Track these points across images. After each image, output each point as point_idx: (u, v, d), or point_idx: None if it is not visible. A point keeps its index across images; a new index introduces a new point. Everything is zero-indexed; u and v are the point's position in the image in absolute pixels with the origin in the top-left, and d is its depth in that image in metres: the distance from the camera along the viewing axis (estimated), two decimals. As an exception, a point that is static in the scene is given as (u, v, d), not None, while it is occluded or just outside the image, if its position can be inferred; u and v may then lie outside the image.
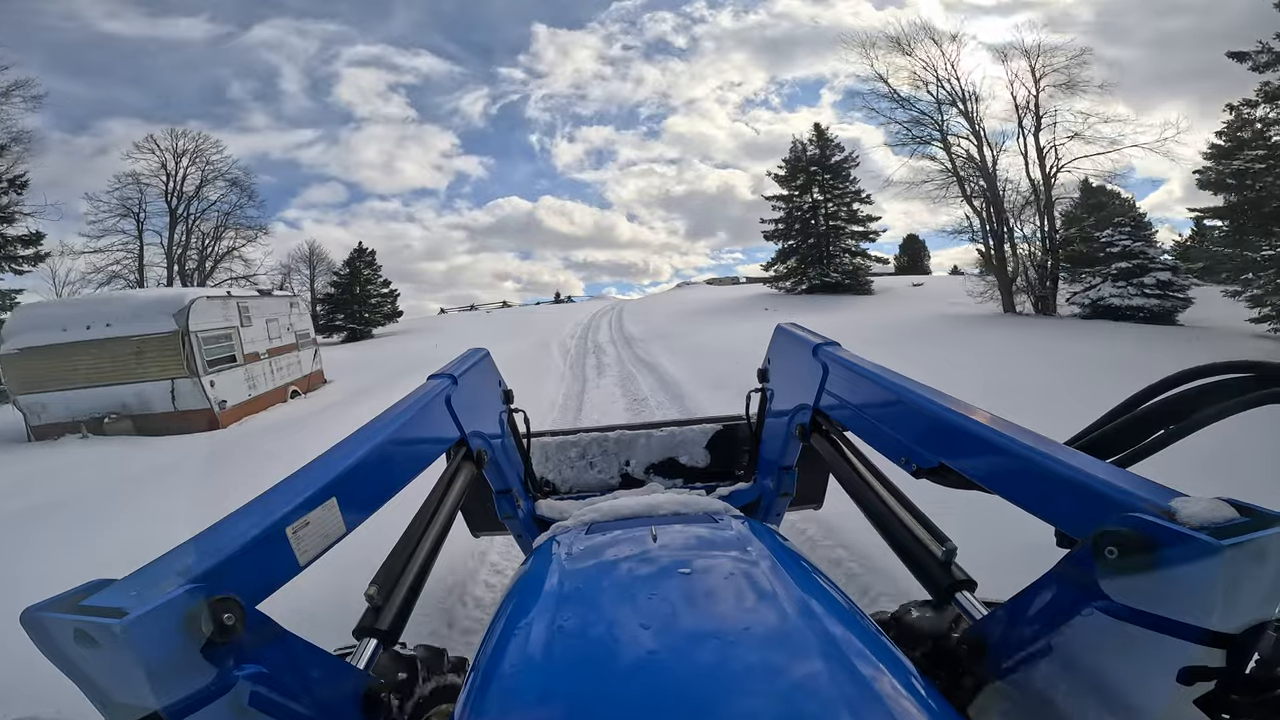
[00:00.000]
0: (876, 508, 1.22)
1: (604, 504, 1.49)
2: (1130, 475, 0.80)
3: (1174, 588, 0.62)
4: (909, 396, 1.16)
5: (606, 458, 2.48)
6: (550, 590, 0.93)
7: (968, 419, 1.02)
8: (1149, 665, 0.64)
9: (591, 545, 1.10)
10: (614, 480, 2.44)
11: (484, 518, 2.35)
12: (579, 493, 2.39)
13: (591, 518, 1.38)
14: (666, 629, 0.77)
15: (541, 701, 0.68)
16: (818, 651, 0.71)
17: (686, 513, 1.36)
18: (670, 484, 2.36)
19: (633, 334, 18.07)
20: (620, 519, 1.34)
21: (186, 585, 0.67)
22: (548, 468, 2.45)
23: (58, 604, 0.65)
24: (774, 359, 1.98)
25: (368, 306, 34.04)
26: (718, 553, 1.01)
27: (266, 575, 0.82)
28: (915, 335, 12.16)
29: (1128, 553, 0.65)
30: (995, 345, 10.28)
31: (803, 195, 29.59)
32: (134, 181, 29.80)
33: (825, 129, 30.18)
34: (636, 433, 2.52)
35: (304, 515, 0.89)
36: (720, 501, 1.56)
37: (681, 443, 2.47)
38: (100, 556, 3.49)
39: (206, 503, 3.75)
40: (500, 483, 1.89)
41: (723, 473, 2.40)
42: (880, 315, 17.29)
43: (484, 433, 1.67)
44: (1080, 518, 0.78)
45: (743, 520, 1.24)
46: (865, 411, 1.32)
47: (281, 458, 1.98)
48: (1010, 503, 0.91)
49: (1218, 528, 0.61)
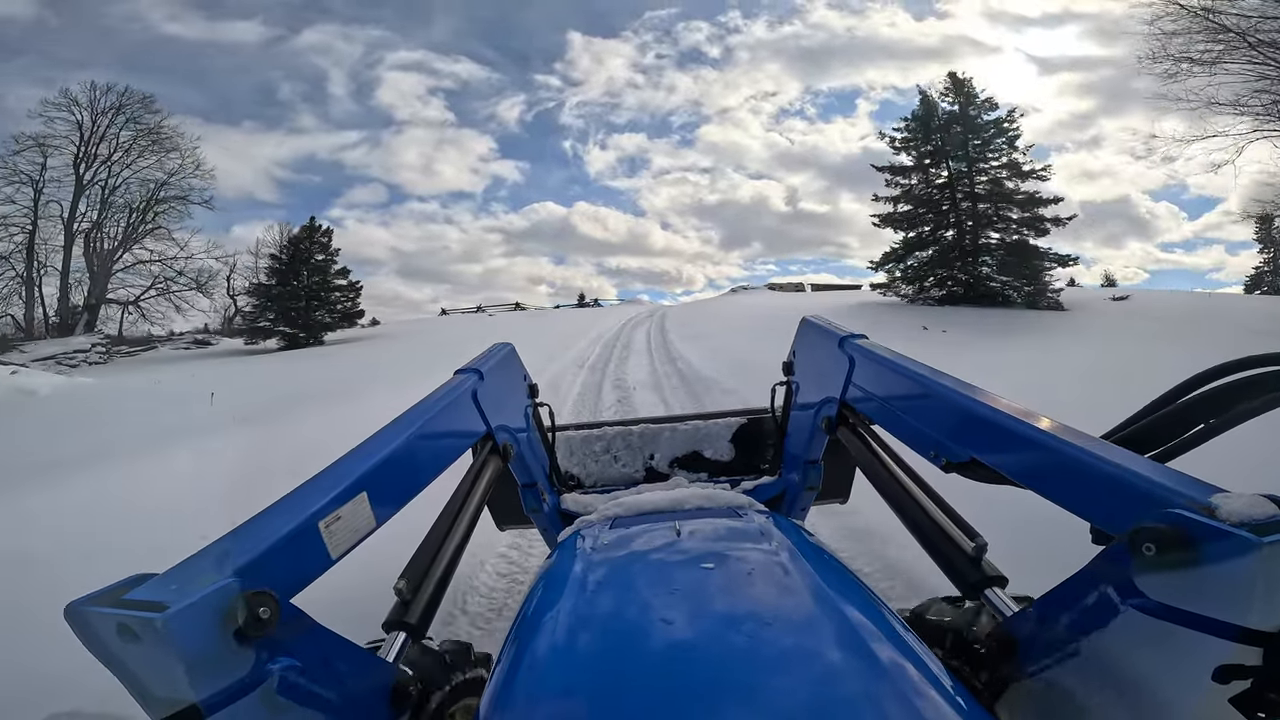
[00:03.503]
0: (904, 502, 1.19)
1: (628, 498, 1.48)
2: (1169, 470, 0.77)
3: (1212, 585, 0.61)
4: (938, 389, 1.13)
5: (630, 451, 2.45)
6: (574, 584, 0.93)
7: (1000, 412, 0.99)
8: (1183, 663, 0.63)
9: (615, 539, 1.10)
10: (638, 474, 2.41)
11: (509, 511, 2.28)
12: (603, 486, 2.36)
13: (615, 512, 1.37)
14: (690, 623, 0.77)
15: (564, 695, 0.68)
16: (844, 646, 0.70)
17: (710, 507, 1.34)
18: (694, 478, 2.32)
19: (699, 371, 9.15)
20: (644, 513, 1.33)
21: (224, 579, 0.68)
22: (572, 462, 2.43)
23: (100, 598, 0.67)
24: (799, 351, 1.96)
25: (319, 303, 24.94)
26: (742, 547, 0.99)
27: (300, 569, 0.82)
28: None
29: (1165, 549, 0.63)
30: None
31: (934, 167, 20.32)
32: (36, 145, 23.25)
33: (965, 77, 20.96)
34: (661, 426, 2.48)
35: (336, 510, 0.90)
36: (744, 496, 1.51)
37: (706, 436, 2.43)
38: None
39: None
40: (526, 476, 1.89)
41: (747, 467, 2.35)
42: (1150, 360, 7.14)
43: (510, 427, 1.65)
44: (1117, 514, 0.75)
45: (767, 515, 1.23)
46: (893, 404, 1.29)
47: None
48: (1045, 499, 0.88)
49: (1258, 524, 0.60)
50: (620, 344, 14.85)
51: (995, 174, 19.39)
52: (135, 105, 25.94)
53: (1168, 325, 13.63)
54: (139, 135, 26.67)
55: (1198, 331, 11.64)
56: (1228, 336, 10.32)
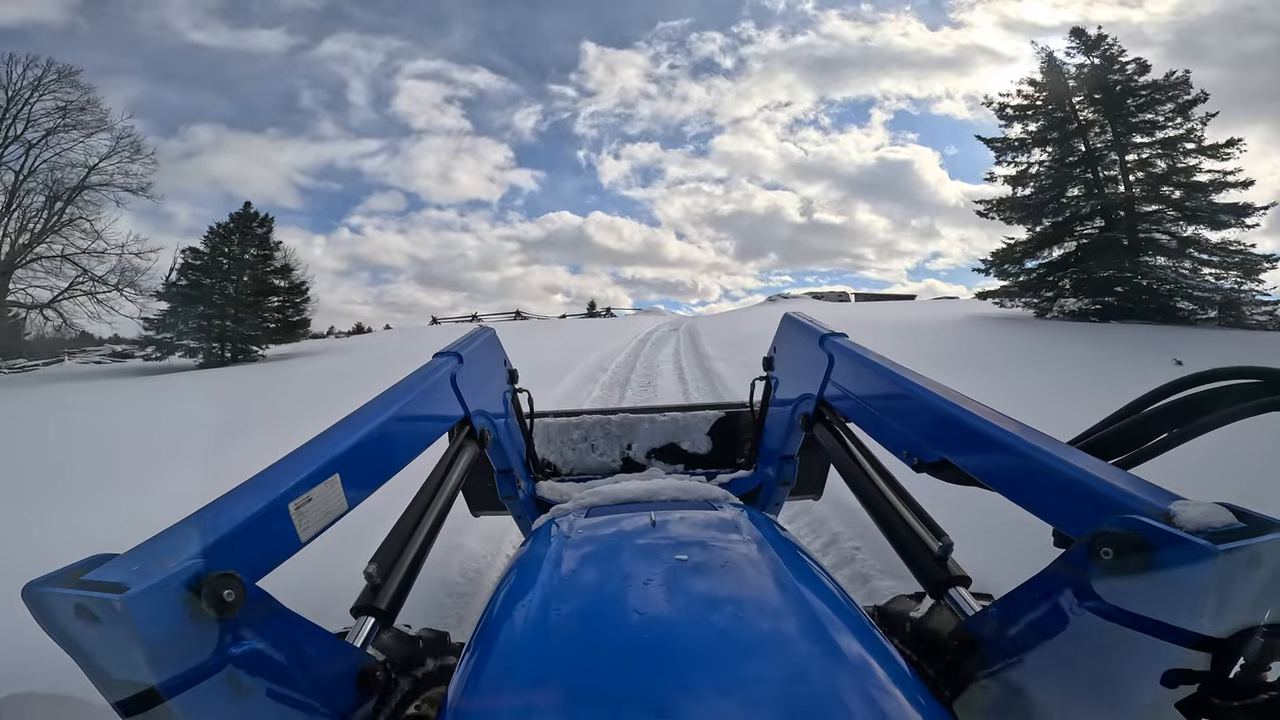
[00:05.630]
0: (876, 500, 1.21)
1: (604, 487, 1.48)
2: (1131, 477, 0.78)
3: (1166, 590, 0.62)
4: (915, 390, 1.14)
5: (609, 440, 2.44)
6: (547, 572, 0.92)
7: (973, 415, 1.00)
8: (1135, 666, 0.64)
9: (590, 528, 1.11)
10: (615, 464, 2.41)
11: (485, 497, 2.26)
12: (580, 475, 2.36)
13: (591, 501, 1.37)
14: (660, 614, 0.77)
15: (532, 682, 0.69)
16: (808, 640, 0.71)
17: (686, 499, 1.35)
18: (671, 469, 2.33)
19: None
20: (620, 503, 1.33)
21: (187, 560, 0.66)
22: (550, 449, 2.42)
23: (58, 579, 0.65)
24: (780, 347, 1.96)
25: (250, 310, 19.27)
26: (715, 539, 1.00)
27: (268, 551, 0.81)
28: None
29: (1123, 554, 0.64)
30: None
31: (1072, 139, 15.03)
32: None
33: (1099, 33, 15.84)
34: (639, 416, 2.48)
35: (307, 491, 0.88)
36: (720, 489, 1.54)
37: (684, 428, 2.43)
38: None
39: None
40: (502, 463, 1.88)
41: (724, 460, 2.37)
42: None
43: (488, 412, 1.64)
44: (1079, 518, 0.77)
45: (741, 508, 1.24)
46: (869, 403, 1.30)
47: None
48: (1010, 500, 0.90)
49: (1214, 532, 0.61)
50: (637, 382, 9.33)
51: (1156, 152, 14.09)
52: (51, 80, 21.05)
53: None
54: (56, 111, 21.68)
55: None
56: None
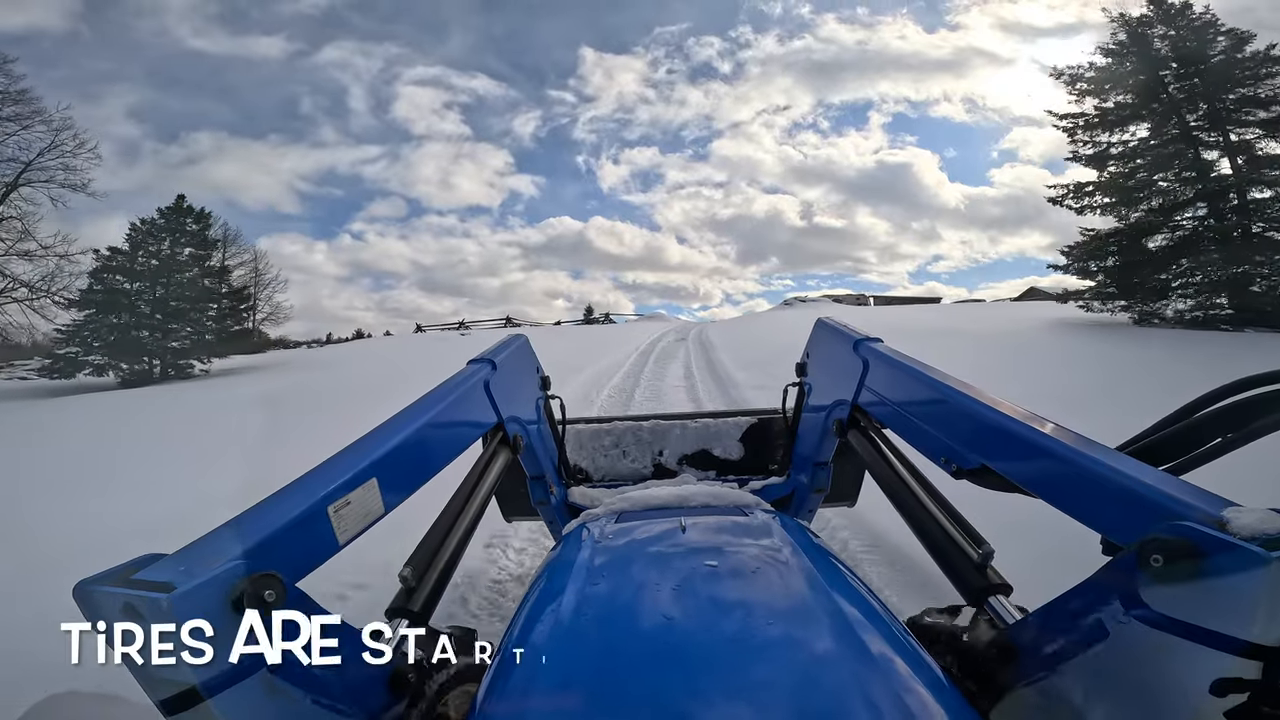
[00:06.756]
0: (913, 508, 1.19)
1: (635, 493, 1.48)
2: (1182, 483, 0.76)
3: (1217, 598, 0.60)
4: (952, 395, 1.12)
5: (640, 447, 2.44)
6: (577, 576, 0.93)
7: (1013, 420, 0.98)
8: (1182, 676, 0.62)
9: (620, 534, 1.11)
10: (647, 470, 2.41)
11: (517, 503, 2.27)
12: (611, 481, 2.36)
13: (622, 507, 1.37)
14: (689, 619, 0.77)
15: (561, 685, 0.69)
16: (841, 648, 0.70)
17: (717, 505, 1.34)
18: (703, 476, 2.32)
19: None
20: (650, 509, 1.33)
21: (231, 561, 0.68)
22: (581, 455, 2.43)
23: (108, 578, 0.67)
24: (813, 353, 1.94)
25: (181, 319, 16.13)
26: (745, 546, 0.99)
27: (307, 553, 0.83)
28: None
29: (1174, 561, 0.63)
30: None
31: (1166, 115, 12.52)
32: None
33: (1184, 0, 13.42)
34: (671, 423, 2.48)
35: (345, 495, 0.90)
36: (752, 495, 1.51)
37: (716, 435, 2.42)
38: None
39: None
40: (535, 468, 1.89)
41: (756, 466, 2.34)
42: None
43: (520, 418, 1.65)
44: (1128, 525, 0.74)
45: (773, 515, 1.23)
46: (906, 409, 1.29)
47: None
48: (1055, 508, 0.87)
49: (1268, 539, 0.59)
50: (646, 395, 6.71)
51: (1258, 133, 11.61)
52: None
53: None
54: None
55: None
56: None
